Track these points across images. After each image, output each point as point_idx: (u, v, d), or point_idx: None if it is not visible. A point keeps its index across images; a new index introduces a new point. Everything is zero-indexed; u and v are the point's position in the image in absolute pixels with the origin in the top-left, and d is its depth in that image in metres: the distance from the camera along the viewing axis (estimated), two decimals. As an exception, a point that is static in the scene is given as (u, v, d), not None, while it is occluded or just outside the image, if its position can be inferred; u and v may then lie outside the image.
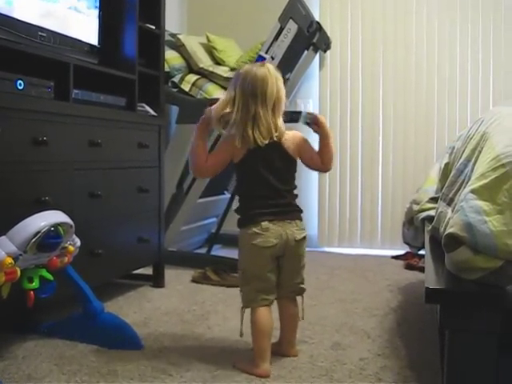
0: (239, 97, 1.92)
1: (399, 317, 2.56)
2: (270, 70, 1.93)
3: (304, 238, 2.00)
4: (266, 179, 1.94)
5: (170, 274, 3.19)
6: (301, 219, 2.01)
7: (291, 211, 1.98)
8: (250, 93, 1.90)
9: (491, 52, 4.10)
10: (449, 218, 1.49)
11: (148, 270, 3.08)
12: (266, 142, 1.91)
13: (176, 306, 2.69)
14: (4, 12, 2.08)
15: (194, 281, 3.18)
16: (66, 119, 2.27)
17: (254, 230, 1.92)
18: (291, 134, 1.98)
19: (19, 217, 1.81)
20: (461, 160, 1.76)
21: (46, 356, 2.00)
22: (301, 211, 2.02)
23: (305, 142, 2.02)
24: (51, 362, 1.95)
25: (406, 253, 3.90)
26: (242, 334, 2.00)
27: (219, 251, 3.96)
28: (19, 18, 2.16)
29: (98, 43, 2.69)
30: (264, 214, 1.93)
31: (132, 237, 2.78)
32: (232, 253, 3.71)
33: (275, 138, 1.92)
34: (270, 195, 1.95)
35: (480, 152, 1.57)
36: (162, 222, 3.06)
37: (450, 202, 1.73)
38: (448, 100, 4.19)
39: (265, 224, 1.91)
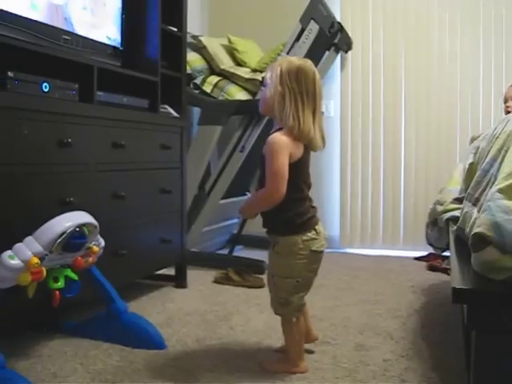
0: (295, 91, 1.80)
1: (423, 318, 2.55)
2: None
3: None
4: (309, 179, 1.91)
5: (193, 274, 3.20)
6: None
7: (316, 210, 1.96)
8: (310, 89, 1.81)
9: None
10: (475, 218, 1.47)
11: (170, 271, 3.09)
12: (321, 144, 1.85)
13: (198, 306, 2.69)
14: (29, 16, 2.11)
15: (216, 281, 3.19)
16: (90, 121, 2.29)
17: (310, 235, 1.86)
18: None
19: (45, 217, 1.83)
20: (486, 160, 1.75)
21: (71, 355, 2.02)
22: None
23: None
24: (76, 361, 1.97)
25: (429, 254, 3.87)
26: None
27: (241, 252, 3.97)
28: (44, 22, 2.19)
29: (121, 46, 2.71)
30: (314, 217, 1.90)
31: (155, 237, 2.79)
32: (253, 254, 3.72)
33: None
34: (308, 195, 1.91)
35: (506, 151, 1.55)
36: (184, 223, 3.07)
37: (475, 202, 1.72)
38: (471, 100, 4.15)
39: (318, 228, 1.89)
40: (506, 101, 3.46)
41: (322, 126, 1.86)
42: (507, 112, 3.36)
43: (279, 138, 1.79)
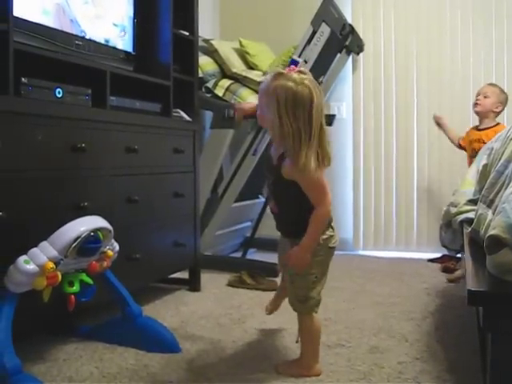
0: (293, 125, 1.74)
1: (437, 320, 2.53)
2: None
3: None
4: None
5: (206, 278, 3.21)
6: None
7: None
8: (320, 114, 1.76)
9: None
10: (490, 220, 1.46)
11: (184, 274, 3.09)
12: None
13: (212, 309, 2.70)
14: (41, 22, 2.13)
15: (230, 285, 3.20)
16: (104, 126, 2.30)
17: (328, 233, 1.90)
18: None
19: (59, 222, 1.84)
20: (501, 161, 1.74)
21: (87, 359, 2.03)
22: None
23: None
24: (91, 364, 1.98)
25: (443, 256, 3.85)
26: (297, 341, 2.02)
27: (254, 255, 3.97)
28: (55, 27, 2.20)
29: (133, 50, 2.73)
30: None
31: (168, 241, 2.80)
32: (267, 257, 3.72)
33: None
34: None
35: (521, 153, 1.54)
36: (197, 227, 3.08)
37: (490, 204, 1.71)
38: (484, 101, 4.12)
39: (333, 225, 1.93)
40: (477, 95, 3.61)
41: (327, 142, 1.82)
42: (476, 105, 3.60)
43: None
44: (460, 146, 3.80)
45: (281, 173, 1.82)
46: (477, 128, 3.69)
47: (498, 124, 3.59)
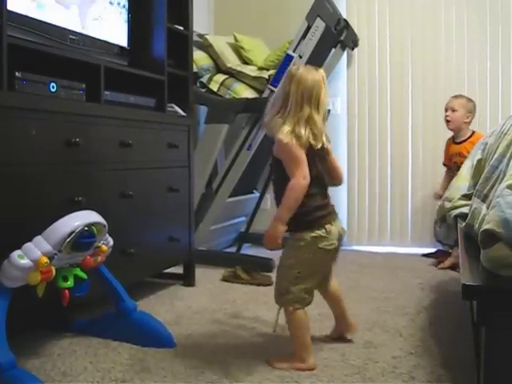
0: (293, 95, 1.92)
1: (431, 315, 2.54)
2: (323, 78, 1.96)
3: None
4: (322, 178, 1.97)
5: (201, 272, 3.21)
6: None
7: (334, 209, 2.03)
8: (307, 95, 1.91)
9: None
10: (484, 215, 1.47)
11: (179, 269, 3.09)
12: (319, 145, 1.92)
13: (207, 304, 2.70)
14: (35, 16, 2.11)
15: (225, 280, 3.20)
16: (98, 121, 2.30)
17: (319, 233, 1.91)
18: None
19: (54, 217, 1.84)
20: (495, 156, 1.74)
21: (81, 354, 2.03)
22: None
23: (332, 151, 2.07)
24: (86, 359, 1.98)
25: (437, 251, 3.86)
26: (275, 330, 2.07)
27: (248, 250, 3.97)
28: (50, 22, 2.19)
29: (128, 45, 2.72)
30: (326, 216, 1.95)
31: (163, 236, 2.80)
32: (261, 252, 3.71)
33: (325, 143, 1.96)
34: (324, 194, 1.99)
35: (515, 147, 1.55)
36: (191, 222, 3.08)
37: (484, 199, 1.71)
38: (478, 97, 4.12)
39: (328, 227, 1.93)
40: (446, 110, 3.66)
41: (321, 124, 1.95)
42: (447, 121, 3.63)
43: (281, 135, 1.91)
44: (445, 165, 3.84)
45: (273, 154, 1.95)
46: (454, 141, 3.74)
47: (473, 133, 3.65)
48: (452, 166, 3.68)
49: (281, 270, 1.98)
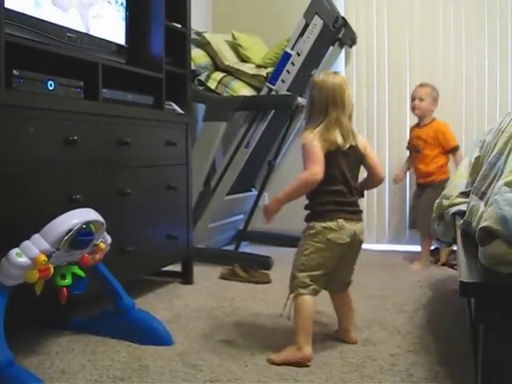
0: (317, 101, 2.03)
1: (429, 313, 2.55)
2: (344, 80, 2.06)
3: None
4: (345, 176, 2.03)
5: (199, 270, 3.20)
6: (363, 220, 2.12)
7: (358, 212, 2.08)
8: (331, 98, 2.01)
9: (520, 44, 4.05)
10: (482, 212, 1.46)
11: (177, 267, 3.09)
12: (347, 145, 2.01)
13: (205, 302, 2.70)
14: (32, 14, 2.11)
15: (223, 277, 3.20)
16: (96, 118, 2.29)
17: (330, 224, 1.98)
18: (361, 139, 2.10)
19: (52, 215, 1.83)
20: (493, 153, 1.74)
21: (79, 351, 2.03)
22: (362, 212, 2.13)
23: (371, 149, 2.15)
24: (84, 357, 1.98)
25: (435, 248, 3.86)
26: (282, 315, 2.13)
27: (247, 248, 3.97)
28: (48, 20, 2.19)
29: (126, 43, 2.71)
30: (341, 211, 2.00)
31: (161, 234, 2.80)
32: (259, 249, 3.74)
33: (352, 142, 2.03)
34: (346, 192, 2.04)
35: (513, 145, 1.54)
36: (190, 220, 3.08)
37: (482, 196, 1.71)
38: (476, 94, 4.13)
39: (341, 221, 1.99)
40: (413, 99, 3.79)
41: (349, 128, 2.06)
42: (414, 109, 3.77)
43: (305, 133, 2.04)
44: (408, 148, 3.97)
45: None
46: (417, 126, 3.88)
47: (433, 120, 3.80)
48: (411, 148, 3.86)
49: (294, 259, 2.05)
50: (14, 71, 1.91)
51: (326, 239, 1.98)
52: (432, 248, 3.91)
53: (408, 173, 4.14)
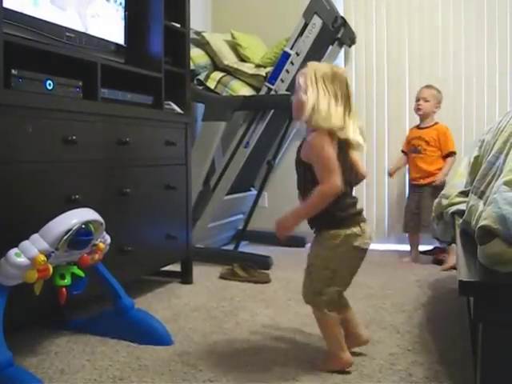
0: (330, 93, 1.81)
1: (429, 312, 2.55)
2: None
3: None
4: (344, 174, 1.83)
5: (198, 270, 3.20)
6: None
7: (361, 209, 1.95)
8: (344, 91, 1.85)
9: (520, 44, 4.05)
10: (481, 211, 1.47)
11: (176, 267, 3.09)
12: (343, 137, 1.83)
13: (204, 302, 2.70)
14: (31, 13, 2.11)
15: (222, 277, 3.20)
16: (95, 118, 2.29)
17: (355, 230, 1.83)
18: None
19: (51, 215, 1.83)
20: (492, 152, 1.74)
21: (78, 351, 2.03)
22: None
23: None
24: (83, 357, 1.98)
25: (435, 248, 3.87)
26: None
27: (246, 248, 3.97)
28: (46, 19, 2.19)
29: (125, 42, 2.71)
30: (360, 214, 1.89)
31: (160, 234, 2.80)
32: (259, 249, 3.74)
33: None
34: (350, 192, 1.91)
35: (512, 144, 1.55)
36: (189, 219, 3.07)
37: (481, 195, 1.71)
38: (476, 94, 4.14)
39: (363, 225, 1.86)
40: (418, 100, 3.84)
41: (361, 128, 1.91)
42: (418, 109, 3.82)
43: (317, 136, 1.80)
44: (403, 152, 3.99)
45: (299, 157, 1.86)
46: (418, 127, 3.91)
47: (436, 123, 3.84)
48: (409, 148, 3.88)
49: (314, 270, 1.88)
50: (13, 71, 1.91)
51: (351, 247, 1.83)
52: (431, 248, 3.92)
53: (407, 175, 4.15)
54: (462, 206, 2.09)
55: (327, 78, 1.82)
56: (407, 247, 4.16)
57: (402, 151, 3.98)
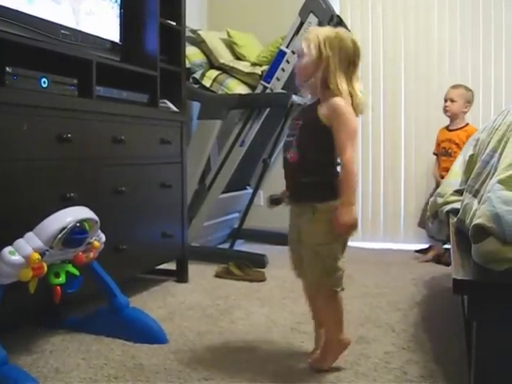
0: (339, 61, 1.77)
1: (424, 311, 2.55)
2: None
3: None
4: None
5: (194, 269, 3.20)
6: None
7: None
8: (352, 58, 1.80)
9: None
10: (475, 210, 1.47)
11: (172, 266, 3.09)
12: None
13: (200, 300, 2.70)
14: (26, 11, 2.10)
15: (218, 276, 3.20)
16: (90, 116, 2.28)
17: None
18: None
19: (45, 213, 1.83)
20: (486, 151, 1.74)
21: (73, 350, 2.03)
22: None
23: None
24: (78, 356, 1.97)
25: (430, 246, 3.87)
26: None
27: (242, 246, 3.97)
28: (41, 17, 2.18)
29: (120, 40, 2.70)
30: None
31: (156, 232, 2.79)
32: (254, 248, 3.74)
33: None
34: None
35: (506, 142, 1.55)
36: (185, 218, 3.07)
37: (475, 194, 1.72)
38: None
39: None
40: (445, 101, 3.76)
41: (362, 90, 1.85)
42: (446, 111, 3.74)
43: (344, 102, 1.76)
44: (435, 154, 3.95)
45: (316, 115, 1.77)
46: (447, 128, 3.84)
47: (467, 124, 3.76)
48: (440, 151, 3.82)
49: (321, 249, 1.79)
50: (8, 68, 1.90)
51: None
52: (426, 246, 3.93)
53: (403, 171, 4.16)
54: (457, 205, 2.09)
55: (332, 43, 1.78)
56: (402, 246, 4.18)
57: (434, 153, 3.93)
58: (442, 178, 3.67)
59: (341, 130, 1.74)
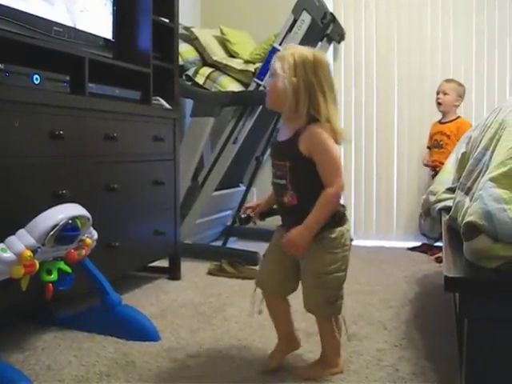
0: (317, 85, 1.67)
1: (416, 308, 2.56)
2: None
3: None
4: None
5: (186, 266, 3.20)
6: None
7: None
8: (329, 82, 1.71)
9: (508, 41, 4.08)
10: (467, 207, 1.47)
11: (164, 263, 3.09)
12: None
13: (192, 298, 2.70)
14: (19, 7, 2.09)
15: (210, 273, 3.20)
16: (82, 113, 2.28)
17: (347, 227, 1.76)
18: None
19: (37, 210, 1.82)
20: (478, 149, 1.75)
21: (65, 347, 2.02)
22: None
23: None
24: (70, 353, 1.97)
25: (422, 244, 3.89)
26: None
27: (234, 244, 3.97)
28: (34, 13, 2.17)
29: (113, 37, 2.69)
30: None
31: (148, 229, 2.79)
32: (247, 245, 3.73)
33: None
34: None
35: (498, 140, 1.55)
36: (177, 215, 3.07)
37: (467, 191, 1.72)
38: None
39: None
40: (437, 93, 3.84)
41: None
42: (438, 103, 3.81)
43: (322, 129, 1.66)
44: (428, 148, 3.99)
45: (299, 151, 1.67)
46: (439, 122, 3.90)
47: (458, 117, 3.84)
48: (432, 143, 3.88)
49: (327, 278, 1.73)
50: (0, 65, 1.89)
51: (349, 243, 1.75)
52: (419, 244, 3.94)
53: (395, 168, 4.16)
54: (449, 203, 2.10)
55: (309, 67, 1.67)
56: (395, 243, 4.18)
57: (428, 147, 3.97)
58: (434, 167, 3.77)
59: (324, 160, 1.67)
